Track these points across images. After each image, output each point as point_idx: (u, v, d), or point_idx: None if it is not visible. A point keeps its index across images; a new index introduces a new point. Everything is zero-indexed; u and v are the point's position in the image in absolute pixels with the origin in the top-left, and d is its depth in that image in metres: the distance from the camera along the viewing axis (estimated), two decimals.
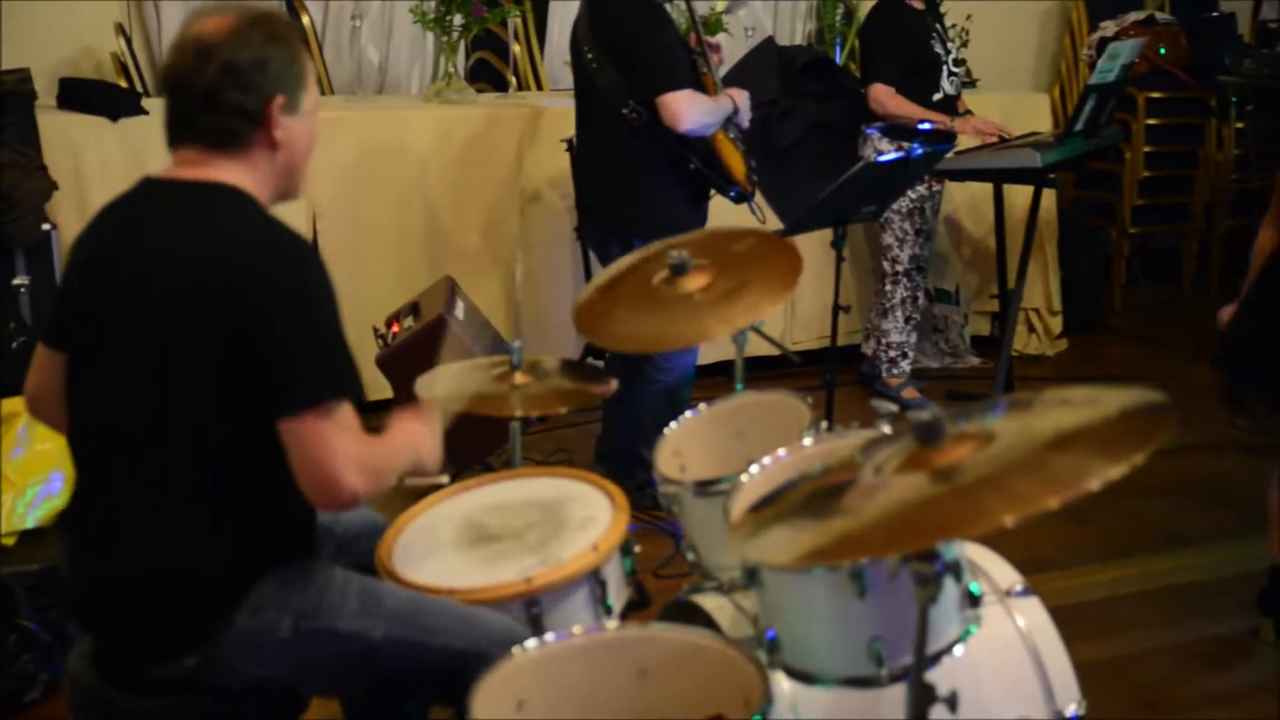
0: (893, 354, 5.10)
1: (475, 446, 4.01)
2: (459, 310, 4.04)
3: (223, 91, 1.97)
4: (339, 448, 1.89)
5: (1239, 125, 6.33)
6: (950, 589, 1.82)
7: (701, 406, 2.74)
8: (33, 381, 2.19)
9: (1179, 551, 3.98)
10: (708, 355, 4.31)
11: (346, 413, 1.92)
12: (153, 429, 1.97)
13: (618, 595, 2.30)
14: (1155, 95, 6.41)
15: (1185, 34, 6.52)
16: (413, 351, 3.87)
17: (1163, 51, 6.38)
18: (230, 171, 2.01)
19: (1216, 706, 3.16)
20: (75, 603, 2.13)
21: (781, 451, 2.30)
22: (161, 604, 1.99)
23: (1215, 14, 6.81)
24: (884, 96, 4.82)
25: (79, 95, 4.41)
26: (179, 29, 2.06)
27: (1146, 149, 6.44)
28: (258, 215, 2.01)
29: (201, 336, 1.92)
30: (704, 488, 2.38)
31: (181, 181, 2.02)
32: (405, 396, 3.77)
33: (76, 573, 2.10)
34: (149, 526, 1.99)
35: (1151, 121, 6.44)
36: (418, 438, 2.14)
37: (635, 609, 2.38)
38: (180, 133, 2.04)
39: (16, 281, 3.86)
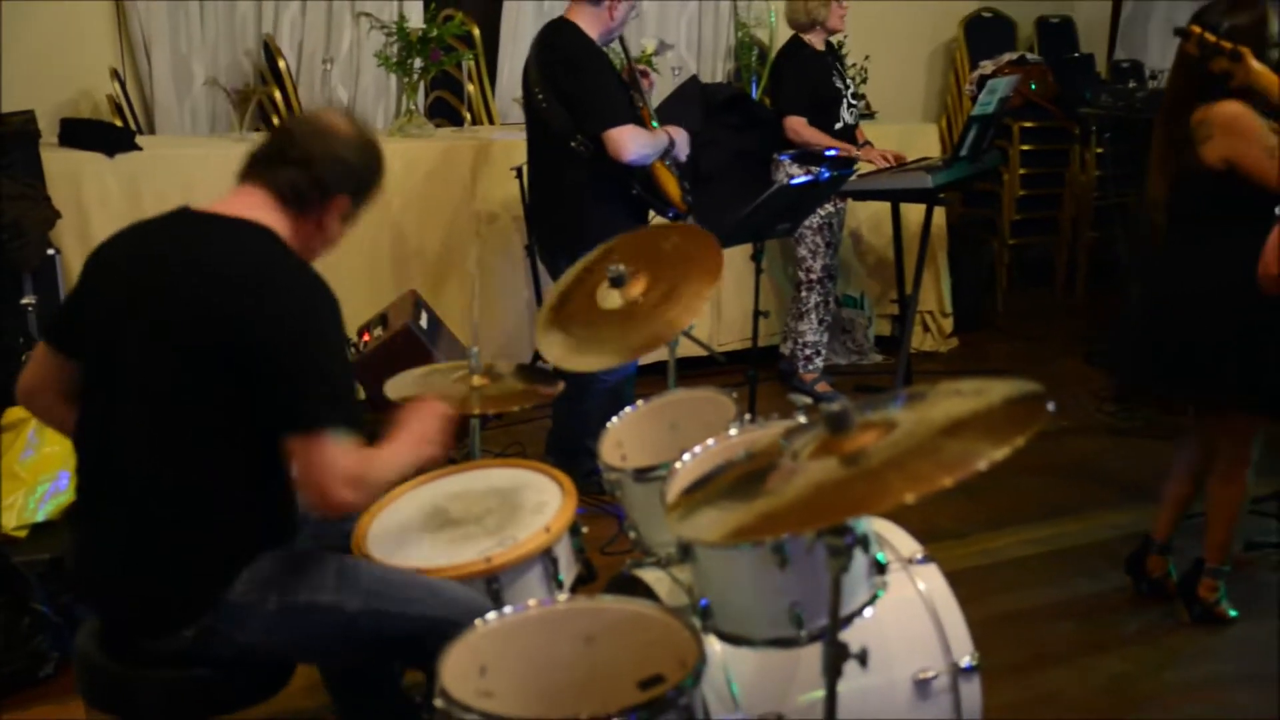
0: (808, 352, 5.12)
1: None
2: (423, 320, 4.01)
3: (317, 165, 2.03)
4: (336, 467, 1.89)
5: (1099, 150, 6.40)
6: (860, 559, 1.82)
7: (640, 403, 2.73)
8: (28, 375, 2.15)
9: (1056, 521, 4.01)
10: (644, 357, 4.29)
11: (344, 435, 1.91)
12: (157, 433, 1.95)
13: (568, 571, 2.29)
14: (1028, 124, 6.48)
15: (1052, 72, 6.59)
16: (382, 358, 3.82)
17: (1033, 87, 6.45)
18: (276, 220, 2.02)
19: (1091, 654, 3.19)
20: (83, 587, 2.10)
21: (710, 441, 2.29)
22: (161, 585, 1.98)
23: (1077, 55, 6.89)
24: (799, 126, 4.84)
25: (78, 133, 4.34)
26: (170, 74, 2.06)
27: (1022, 171, 6.51)
28: (286, 255, 2.01)
29: (218, 360, 1.90)
30: (643, 474, 2.37)
31: (224, 215, 2.01)
32: (376, 398, 3.74)
33: (84, 560, 2.08)
34: (148, 518, 1.97)
35: (1025, 147, 6.51)
36: (417, 443, 2.10)
37: (584, 583, 2.36)
38: (260, 171, 2.05)
39: (24, 301, 3.79)
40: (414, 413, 2.15)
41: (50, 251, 3.88)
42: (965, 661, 2.16)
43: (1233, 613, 3.32)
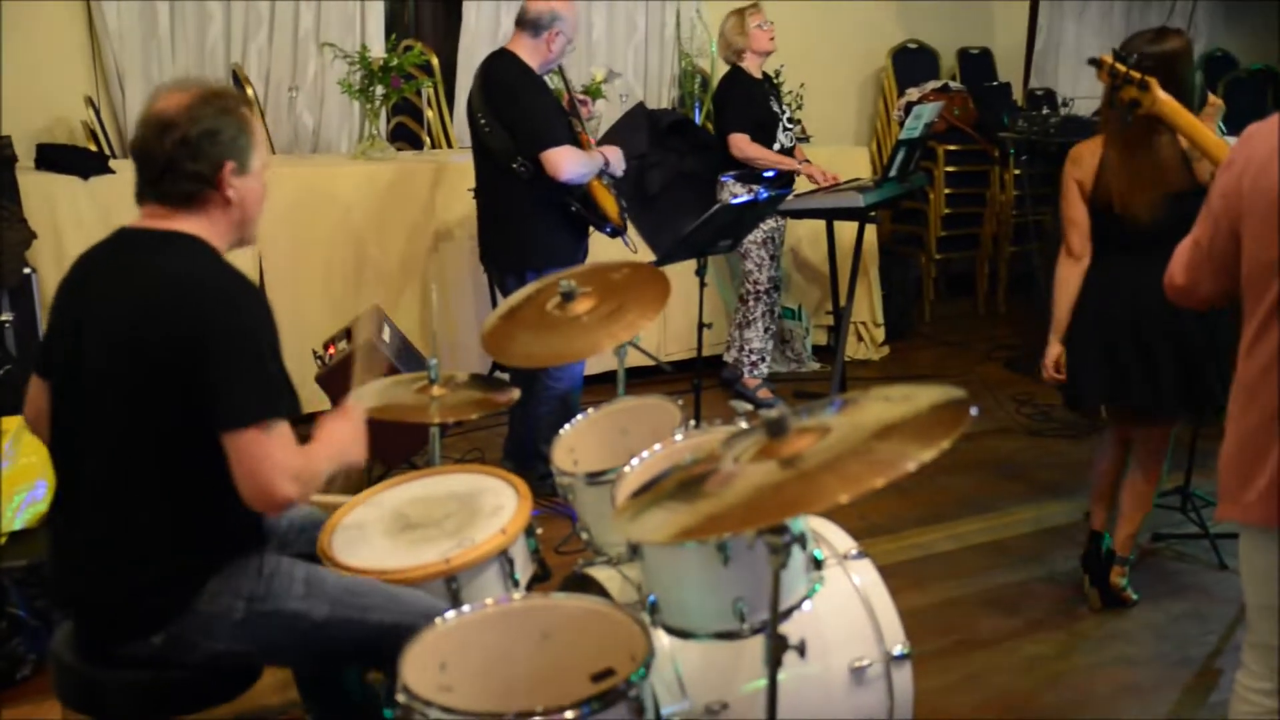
0: (754, 359, 5.12)
1: (401, 448, 3.93)
2: (385, 333, 3.96)
3: (180, 161, 1.92)
4: (274, 459, 1.85)
5: (1016, 172, 6.48)
6: (798, 555, 1.82)
7: (590, 410, 2.72)
8: (29, 407, 2.13)
9: (979, 517, 4.04)
10: (594, 367, 4.28)
11: (281, 428, 1.87)
12: (118, 442, 1.92)
13: (524, 570, 2.27)
14: (951, 148, 6.54)
15: (973, 98, 6.66)
16: (347, 370, 3.77)
17: (956, 112, 6.51)
18: (190, 224, 1.96)
19: (1011, 639, 3.23)
20: (58, 592, 2.06)
21: (657, 446, 2.29)
22: (132, 592, 1.93)
23: (995, 83, 6.96)
24: (743, 143, 4.84)
25: (54, 158, 4.26)
26: (143, 102, 2.00)
27: (946, 191, 6.57)
28: (211, 260, 1.96)
29: (157, 362, 1.87)
30: (594, 478, 2.36)
31: (150, 230, 1.96)
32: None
33: (56, 568, 2.04)
34: (119, 526, 1.93)
35: (949, 169, 6.57)
36: (343, 440, 2.08)
37: (538, 581, 2.34)
38: (147, 194, 1.98)
39: (2, 318, 3.72)
40: (335, 417, 2.12)
41: (27, 271, 3.83)
42: (897, 650, 2.16)
43: (1135, 596, 3.39)
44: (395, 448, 3.86)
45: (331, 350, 4.02)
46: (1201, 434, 3.80)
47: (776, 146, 4.92)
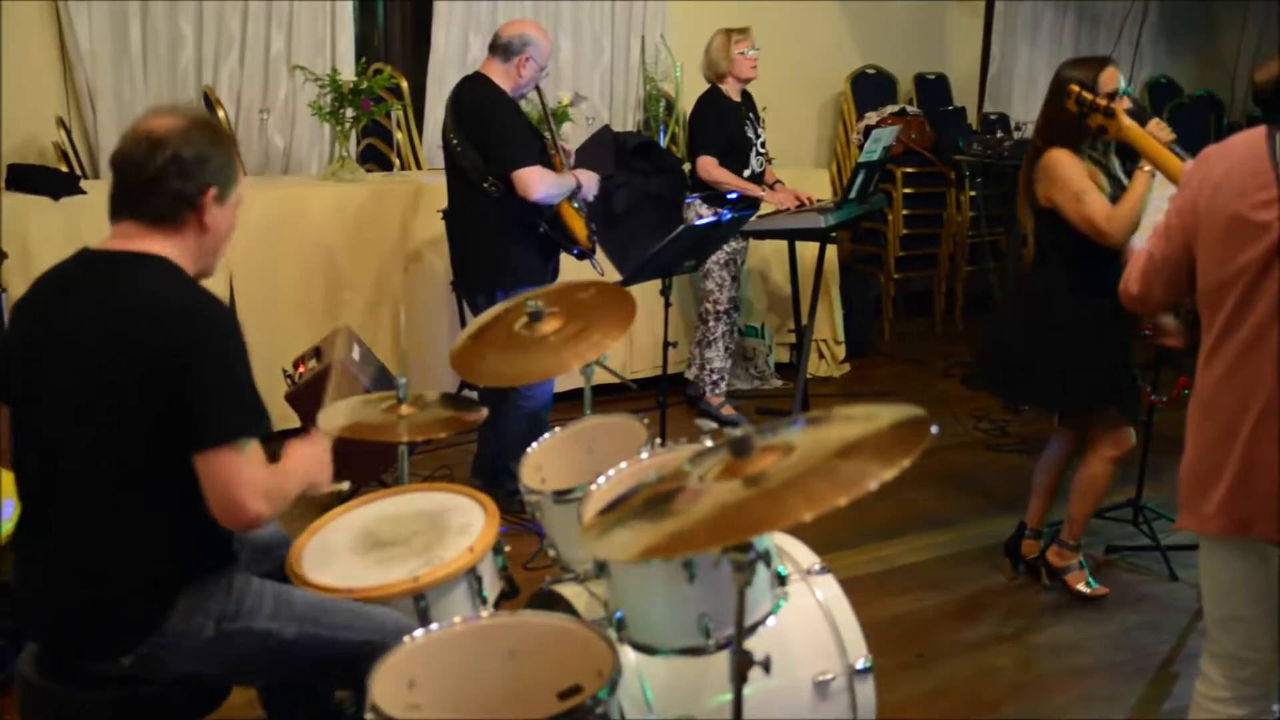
0: (715, 377, 5.12)
1: (372, 466, 3.90)
2: (354, 353, 3.93)
3: (167, 178, 1.90)
4: (246, 477, 1.82)
5: (972, 193, 6.53)
6: (762, 572, 1.81)
7: (557, 429, 2.70)
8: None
9: (937, 530, 4.05)
10: (563, 385, 4.26)
11: (252, 447, 1.85)
12: (85, 463, 1.88)
13: (492, 587, 2.25)
14: (909, 170, 6.58)
15: (929, 123, 6.71)
16: (316, 389, 3.71)
17: (913, 136, 6.56)
18: (162, 245, 1.93)
19: (970, 651, 3.23)
20: (24, 612, 2.00)
21: (624, 464, 2.27)
22: (100, 613, 1.90)
23: (950, 107, 7.02)
24: (709, 165, 4.83)
25: (25, 178, 4.19)
26: (115, 123, 1.98)
27: (904, 212, 6.61)
28: (181, 280, 1.92)
29: (127, 384, 1.83)
30: (561, 496, 2.34)
31: (117, 252, 1.93)
32: (311, 427, 3.65)
33: (25, 586, 1.99)
34: (87, 546, 1.89)
35: (907, 190, 6.61)
36: (310, 463, 2.06)
37: (507, 598, 2.32)
38: (123, 209, 1.94)
39: None
40: (303, 442, 2.10)
41: None
42: (860, 663, 2.16)
43: (1084, 588, 3.49)
44: (365, 466, 3.83)
45: (301, 369, 3.97)
46: (1152, 447, 3.84)
47: (747, 172, 4.92)
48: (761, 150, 5.02)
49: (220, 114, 4.88)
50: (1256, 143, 1.94)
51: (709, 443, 1.82)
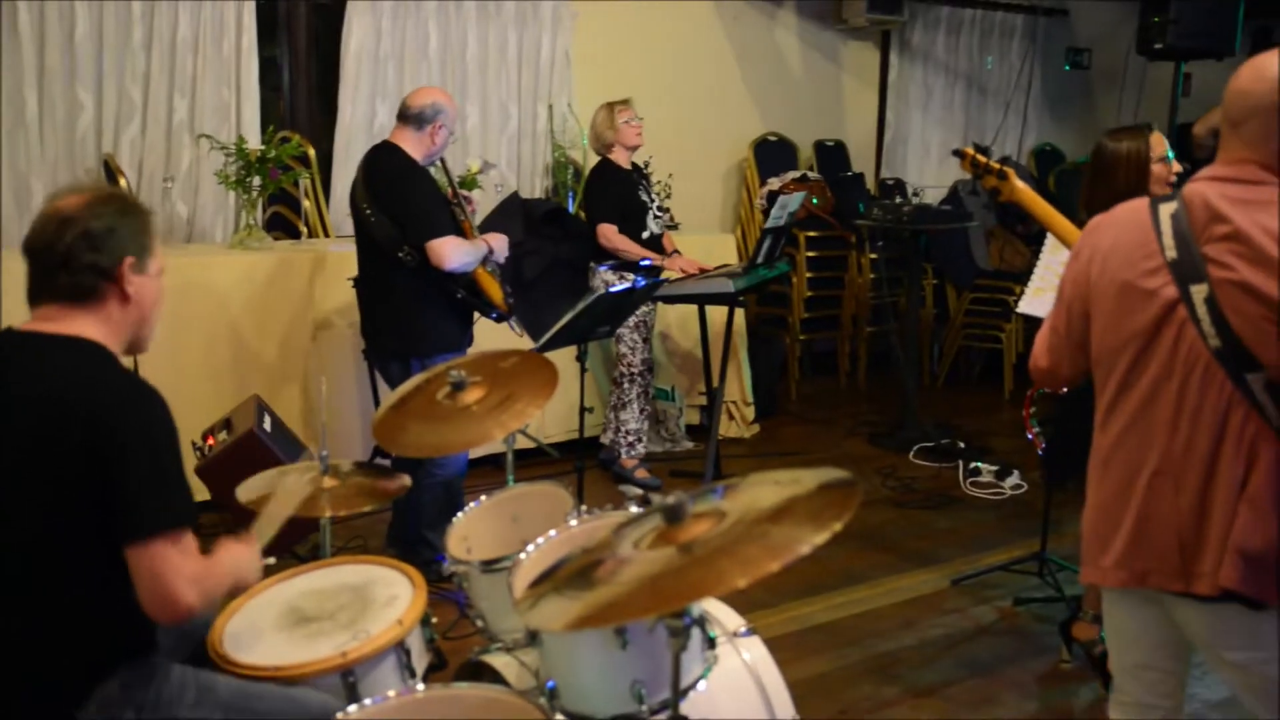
0: (630, 439, 5.16)
1: (285, 538, 3.82)
2: (266, 423, 3.88)
3: (80, 253, 1.89)
4: (179, 569, 1.81)
5: (872, 256, 6.74)
6: (696, 637, 1.85)
7: (482, 498, 2.71)
8: None
9: (853, 588, 4.12)
10: (478, 450, 4.27)
11: (186, 538, 1.83)
12: (6, 550, 1.82)
13: (420, 660, 2.24)
14: (812, 234, 6.77)
15: (830, 187, 6.93)
16: (228, 461, 3.69)
17: (815, 201, 6.76)
18: (85, 325, 1.91)
19: (890, 706, 3.29)
20: None
21: (552, 532, 2.30)
22: (15, 702, 1.83)
23: (850, 173, 7.26)
24: (610, 233, 4.93)
25: None
26: (10, 192, 1.97)
27: (808, 275, 6.78)
28: (110, 365, 1.90)
29: (54, 474, 1.80)
30: (488, 565, 2.36)
31: (41, 334, 1.90)
32: (223, 500, 3.59)
33: None
34: (2, 633, 1.83)
35: (810, 254, 6.78)
36: (241, 561, 2.05)
37: (434, 670, 2.31)
38: (41, 292, 1.93)
39: None
40: (235, 542, 2.09)
41: None
42: None
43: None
44: (278, 537, 3.76)
45: (210, 440, 3.92)
46: (1054, 502, 3.98)
47: (646, 234, 5.03)
48: (659, 214, 5.14)
49: (122, 182, 4.81)
50: (1140, 213, 2.06)
51: (635, 509, 1.86)
